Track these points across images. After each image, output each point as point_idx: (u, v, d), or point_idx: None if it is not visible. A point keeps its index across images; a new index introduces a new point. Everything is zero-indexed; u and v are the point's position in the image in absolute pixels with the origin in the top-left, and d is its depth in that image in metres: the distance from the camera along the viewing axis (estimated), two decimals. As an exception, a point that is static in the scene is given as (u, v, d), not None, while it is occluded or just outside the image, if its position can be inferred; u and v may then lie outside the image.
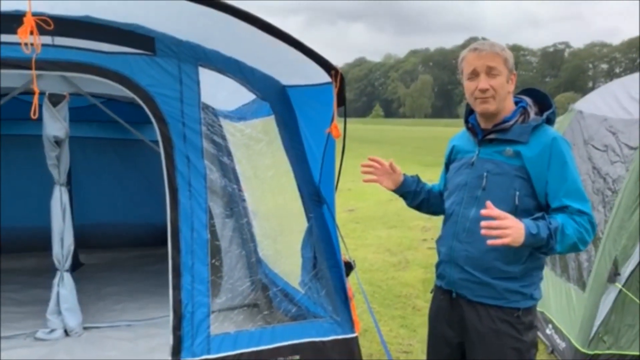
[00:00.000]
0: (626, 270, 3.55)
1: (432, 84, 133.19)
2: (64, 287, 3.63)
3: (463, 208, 2.20)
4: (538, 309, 4.02)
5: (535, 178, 2.08)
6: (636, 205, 3.57)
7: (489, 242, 1.89)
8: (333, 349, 3.04)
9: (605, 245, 3.63)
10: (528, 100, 2.24)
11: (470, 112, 2.31)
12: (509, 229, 1.88)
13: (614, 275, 3.57)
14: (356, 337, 3.14)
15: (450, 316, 2.27)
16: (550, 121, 2.19)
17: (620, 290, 3.55)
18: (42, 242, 3.93)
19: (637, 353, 3.52)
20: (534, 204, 2.10)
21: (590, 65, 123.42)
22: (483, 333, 2.15)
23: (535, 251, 2.05)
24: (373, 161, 2.48)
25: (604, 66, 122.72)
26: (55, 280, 3.63)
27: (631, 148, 3.77)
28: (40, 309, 3.73)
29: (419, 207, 2.56)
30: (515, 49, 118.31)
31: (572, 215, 2.02)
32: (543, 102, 2.23)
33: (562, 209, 2.04)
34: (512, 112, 2.19)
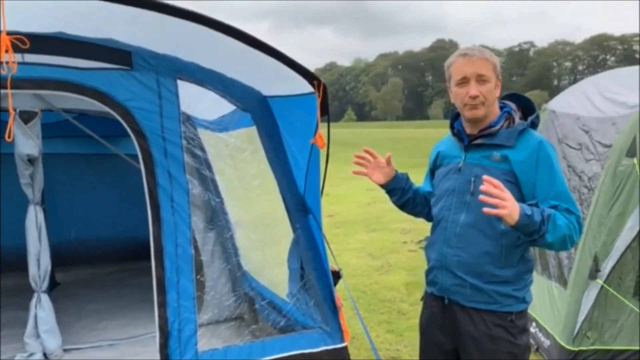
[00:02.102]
0: (607, 267, 3.62)
1: (402, 86, 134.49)
2: (42, 309, 3.52)
3: (453, 213, 2.20)
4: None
5: (523, 181, 2.10)
6: (613, 202, 3.64)
7: (485, 209, 1.89)
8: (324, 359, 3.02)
9: (584, 242, 3.69)
10: (512, 105, 2.26)
11: (455, 117, 2.32)
12: (506, 201, 1.89)
13: (595, 272, 3.63)
14: (346, 347, 3.13)
15: (443, 322, 2.27)
16: (534, 125, 2.22)
17: (602, 287, 3.61)
18: (19, 262, 3.81)
19: (621, 347, 3.58)
20: None
21: (555, 64, 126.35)
22: (478, 338, 2.15)
23: (526, 239, 2.04)
24: (367, 153, 2.46)
25: (568, 64, 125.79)
26: (33, 302, 3.52)
27: (605, 146, 3.85)
28: (18, 331, 3.61)
29: (404, 206, 2.56)
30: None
31: (562, 212, 2.05)
32: (526, 107, 2.26)
33: (552, 208, 2.06)
34: (497, 117, 2.21)
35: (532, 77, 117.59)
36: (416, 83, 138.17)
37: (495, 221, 2.08)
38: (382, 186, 2.49)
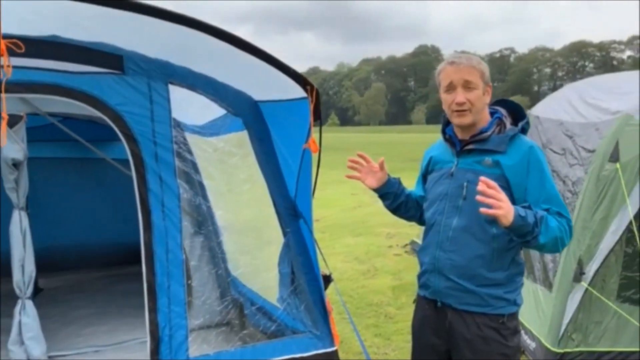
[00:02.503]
0: (591, 269, 3.68)
1: (386, 91, 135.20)
2: (26, 316, 3.47)
3: (445, 218, 2.23)
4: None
5: (515, 186, 2.13)
6: (597, 206, 3.71)
7: (482, 209, 1.91)
8: (314, 364, 3.02)
9: (569, 246, 3.75)
10: (502, 111, 2.29)
11: (447, 123, 2.36)
12: (502, 202, 1.92)
13: (579, 275, 3.69)
14: (336, 351, 3.14)
15: (436, 325, 2.29)
16: (524, 131, 2.26)
17: (586, 289, 3.67)
18: (2, 268, 3.76)
19: (605, 349, 3.64)
20: None
21: (535, 70, 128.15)
22: (470, 340, 2.18)
23: (519, 241, 2.07)
24: (361, 157, 2.48)
25: (548, 70, 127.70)
26: (17, 309, 3.46)
27: (588, 151, 3.92)
28: (1, 339, 3.56)
29: (396, 210, 2.57)
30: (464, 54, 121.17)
31: (553, 215, 2.08)
32: (516, 113, 2.30)
33: (543, 211, 2.09)
34: (488, 123, 2.24)
35: (512, 82, 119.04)
36: (399, 88, 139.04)
37: (486, 225, 2.12)
38: (375, 190, 2.51)
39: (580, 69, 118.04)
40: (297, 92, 2.95)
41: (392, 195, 2.51)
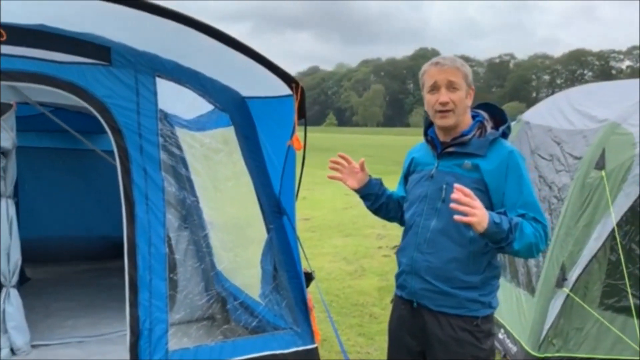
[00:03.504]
0: (573, 275, 3.70)
1: (384, 93, 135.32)
2: (10, 304, 3.48)
3: (424, 219, 2.23)
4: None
5: (493, 190, 2.13)
6: (581, 213, 3.73)
7: (456, 217, 1.93)
8: (293, 361, 3.04)
9: (552, 252, 3.77)
10: (484, 114, 2.29)
11: (429, 125, 2.37)
12: (476, 209, 1.94)
13: (561, 281, 3.71)
14: (316, 348, 3.15)
15: (411, 325, 2.31)
16: (505, 135, 2.26)
17: (568, 295, 3.69)
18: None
19: (585, 355, 3.66)
20: None
21: (534, 76, 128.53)
22: (444, 341, 2.20)
23: (494, 247, 2.09)
24: (342, 158, 2.50)
25: (546, 77, 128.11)
26: (1, 297, 3.47)
27: (575, 157, 3.95)
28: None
29: (378, 211, 2.59)
30: (464, 60, 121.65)
31: (529, 221, 2.08)
32: (498, 117, 2.30)
33: (519, 216, 2.10)
34: (469, 126, 2.24)
35: (510, 88, 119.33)
36: (397, 90, 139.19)
37: (464, 228, 2.12)
38: (356, 191, 2.52)
39: (579, 77, 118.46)
40: (283, 89, 2.96)
41: (373, 197, 2.52)
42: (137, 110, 2.79)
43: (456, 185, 1.98)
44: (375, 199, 2.52)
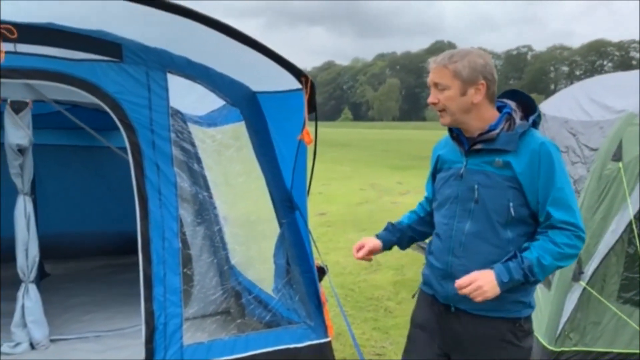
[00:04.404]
0: (589, 269, 3.65)
1: (400, 87, 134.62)
2: (29, 299, 3.54)
3: (457, 222, 2.13)
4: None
5: (527, 187, 2.02)
6: (598, 205, 3.68)
7: (462, 292, 1.95)
8: (308, 354, 3.05)
9: (569, 245, 3.72)
10: (512, 104, 2.15)
11: None
12: (482, 287, 1.92)
13: (578, 274, 3.67)
14: (329, 342, 3.16)
15: (443, 327, 2.22)
16: (535, 124, 2.11)
17: (585, 289, 3.65)
18: (6, 253, 3.83)
19: (603, 350, 3.62)
20: (528, 213, 2.05)
21: (552, 68, 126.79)
22: (485, 343, 2.12)
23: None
24: (365, 253, 2.44)
25: (565, 69, 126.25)
26: (20, 292, 3.54)
27: (591, 149, 3.89)
28: (4, 321, 3.63)
29: (414, 242, 2.52)
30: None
31: (554, 230, 1.98)
32: (527, 104, 2.15)
33: (547, 223, 2.00)
34: (496, 120, 2.10)
35: (528, 80, 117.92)
36: (413, 84, 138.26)
37: (500, 229, 2.04)
38: (383, 250, 2.47)
39: (598, 68, 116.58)
40: (293, 83, 2.96)
41: (395, 243, 2.46)
42: (148, 106, 2.81)
43: (456, 282, 1.97)
44: (400, 242, 2.46)
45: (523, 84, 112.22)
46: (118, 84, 2.75)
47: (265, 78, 3.05)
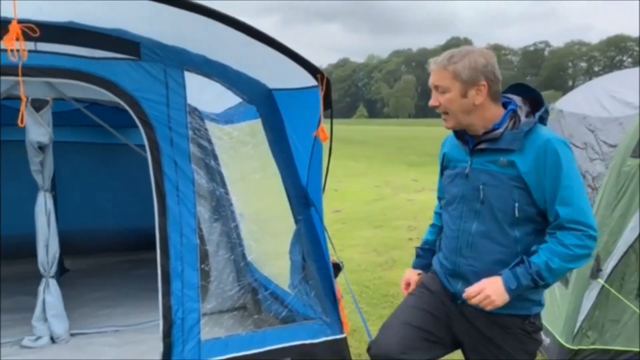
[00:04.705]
0: (608, 266, 3.61)
1: (415, 83, 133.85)
2: (50, 294, 3.60)
3: (463, 222, 2.12)
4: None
5: (533, 187, 1.98)
6: (616, 202, 3.64)
7: (472, 302, 1.97)
8: (323, 350, 3.06)
9: (587, 242, 3.69)
10: (517, 99, 2.11)
11: None
12: (490, 296, 1.92)
13: (596, 272, 3.63)
14: (345, 338, 3.17)
15: (455, 311, 2.20)
16: (543, 120, 2.07)
17: (603, 286, 3.61)
18: (27, 249, 3.89)
19: (622, 348, 3.58)
20: (535, 211, 2.02)
21: (570, 64, 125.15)
22: (492, 336, 2.12)
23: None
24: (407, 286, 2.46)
25: (583, 64, 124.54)
26: (41, 287, 3.60)
27: (610, 146, 3.84)
28: (25, 316, 3.69)
29: None
30: (497, 48, 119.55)
31: (563, 231, 1.94)
32: (534, 99, 2.11)
33: (555, 223, 1.97)
34: (501, 118, 2.06)
35: (546, 77, 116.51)
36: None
37: (508, 228, 2.02)
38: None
39: (617, 63, 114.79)
40: (308, 80, 2.97)
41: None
42: (166, 104, 2.84)
43: (465, 292, 1.98)
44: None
45: (540, 80, 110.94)
46: (136, 81, 2.78)
47: (281, 75, 3.07)
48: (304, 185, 3.23)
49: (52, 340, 3.55)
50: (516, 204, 2.00)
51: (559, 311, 3.86)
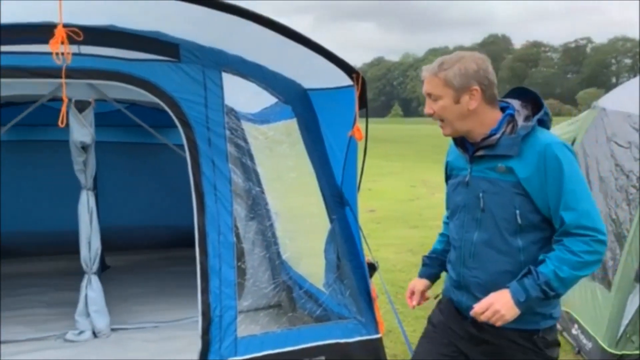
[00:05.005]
0: (654, 270, 3.50)
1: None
2: (92, 290, 3.70)
3: (465, 232, 2.08)
4: (563, 308, 3.99)
5: (534, 193, 1.92)
6: (662, 203, 3.52)
7: (481, 319, 1.90)
8: (358, 350, 3.06)
9: (631, 244, 3.57)
10: (515, 103, 2.06)
11: None
12: (499, 311, 1.86)
13: (640, 275, 3.52)
14: (380, 338, 3.16)
15: (462, 328, 2.16)
16: (543, 123, 2.01)
17: (648, 290, 3.50)
18: (70, 245, 4.02)
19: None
20: (539, 219, 1.96)
21: (614, 61, 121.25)
22: (504, 351, 2.06)
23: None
24: (418, 299, 2.42)
25: (628, 61, 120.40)
26: (84, 283, 3.70)
27: (656, 145, 3.72)
28: (69, 310, 3.80)
29: None
30: (536, 45, 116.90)
31: (570, 238, 1.88)
32: (534, 102, 2.05)
33: (562, 229, 1.90)
34: (497, 123, 2.01)
35: (588, 74, 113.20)
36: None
37: (510, 237, 1.97)
38: (432, 284, 2.45)
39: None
40: (344, 80, 2.97)
41: (440, 272, 2.42)
42: (205, 104, 2.89)
43: (473, 310, 1.92)
44: (444, 269, 2.39)
45: (582, 78, 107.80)
46: (176, 82, 2.84)
47: (317, 75, 3.08)
48: (338, 184, 3.23)
49: (94, 334, 3.65)
50: (517, 212, 1.94)
51: (601, 315, 3.76)
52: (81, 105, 3.51)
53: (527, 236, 1.96)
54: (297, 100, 3.21)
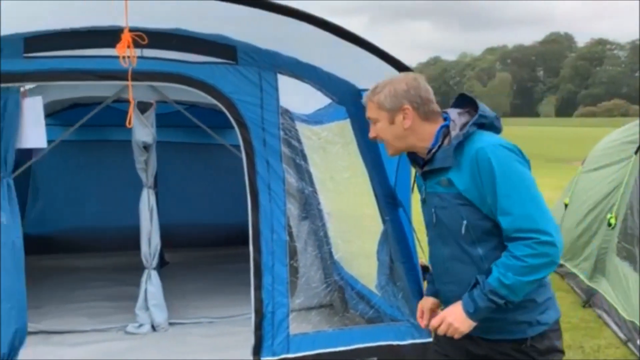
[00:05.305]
0: None
1: (511, 81, 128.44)
2: (152, 285, 3.83)
3: (436, 249, 2.08)
4: (628, 318, 3.81)
5: (478, 201, 1.89)
6: None
7: (450, 335, 1.89)
8: (410, 353, 3.03)
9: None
10: (452, 113, 2.04)
11: None
12: (452, 324, 1.86)
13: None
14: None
15: (461, 348, 2.09)
16: (487, 126, 1.99)
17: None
18: (132, 241, 4.17)
19: None
20: (490, 225, 1.90)
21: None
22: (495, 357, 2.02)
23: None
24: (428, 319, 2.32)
25: None
26: (143, 278, 3.84)
27: None
28: (129, 304, 3.96)
29: None
30: (601, 43, 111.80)
31: (513, 243, 1.82)
32: (476, 108, 2.03)
33: (504, 235, 1.86)
34: (434, 138, 2.01)
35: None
36: (526, 78, 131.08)
37: (470, 248, 1.93)
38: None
39: None
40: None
41: None
42: (260, 105, 2.95)
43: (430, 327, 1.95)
44: None
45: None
46: (233, 84, 2.91)
47: (371, 75, 3.06)
48: (392, 185, 3.21)
49: (153, 328, 3.77)
50: (465, 222, 1.91)
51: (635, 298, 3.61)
52: (143, 107, 3.65)
53: (485, 244, 1.92)
54: (350, 101, 3.22)
